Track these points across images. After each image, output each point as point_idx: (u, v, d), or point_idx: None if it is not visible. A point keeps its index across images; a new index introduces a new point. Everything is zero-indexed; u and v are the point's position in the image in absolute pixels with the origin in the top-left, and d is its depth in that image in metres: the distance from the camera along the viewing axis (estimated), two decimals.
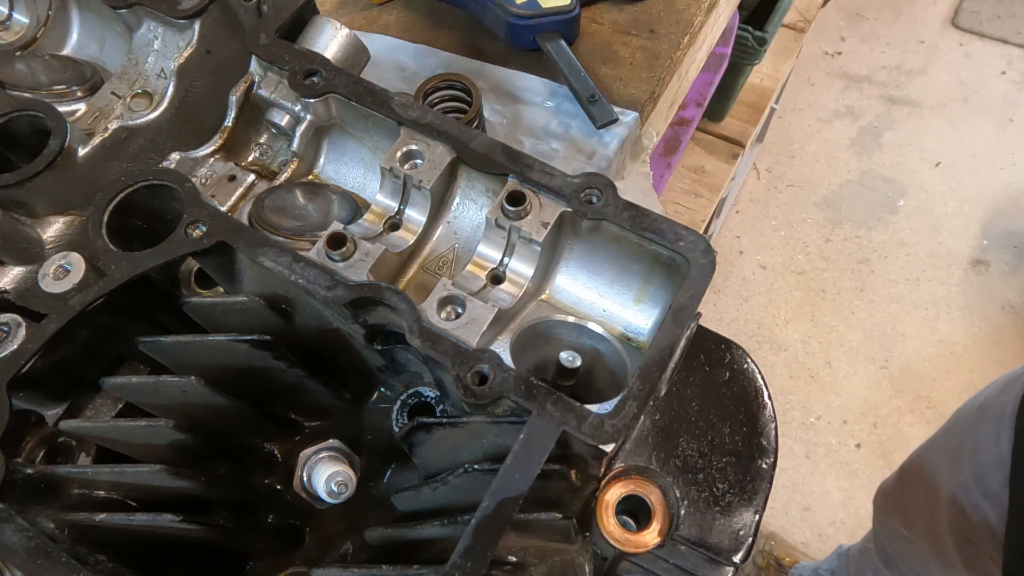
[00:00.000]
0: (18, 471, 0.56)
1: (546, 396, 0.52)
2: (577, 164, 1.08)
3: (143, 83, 0.80)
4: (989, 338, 2.49)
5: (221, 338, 0.59)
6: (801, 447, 2.30)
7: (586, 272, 0.65)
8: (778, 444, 0.59)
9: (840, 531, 2.19)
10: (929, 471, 1.24)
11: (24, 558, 0.52)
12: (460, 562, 0.47)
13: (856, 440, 2.33)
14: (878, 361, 2.45)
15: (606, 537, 0.54)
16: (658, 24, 1.22)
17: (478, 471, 0.52)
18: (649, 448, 0.58)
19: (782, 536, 2.17)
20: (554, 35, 1.15)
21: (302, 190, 0.73)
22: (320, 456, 0.61)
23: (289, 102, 0.74)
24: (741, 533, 0.55)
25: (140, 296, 0.63)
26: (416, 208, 0.67)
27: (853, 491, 2.25)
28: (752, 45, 2.20)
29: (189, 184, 0.64)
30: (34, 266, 0.68)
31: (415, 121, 0.65)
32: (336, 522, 0.70)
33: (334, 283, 0.57)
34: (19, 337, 0.58)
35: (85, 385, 0.66)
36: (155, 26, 0.79)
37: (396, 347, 0.63)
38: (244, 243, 0.60)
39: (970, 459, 1.08)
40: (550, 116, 1.13)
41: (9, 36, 0.88)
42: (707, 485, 0.57)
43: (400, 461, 0.71)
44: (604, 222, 0.60)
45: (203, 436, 0.62)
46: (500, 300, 0.61)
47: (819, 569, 1.89)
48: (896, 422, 2.35)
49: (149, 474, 0.58)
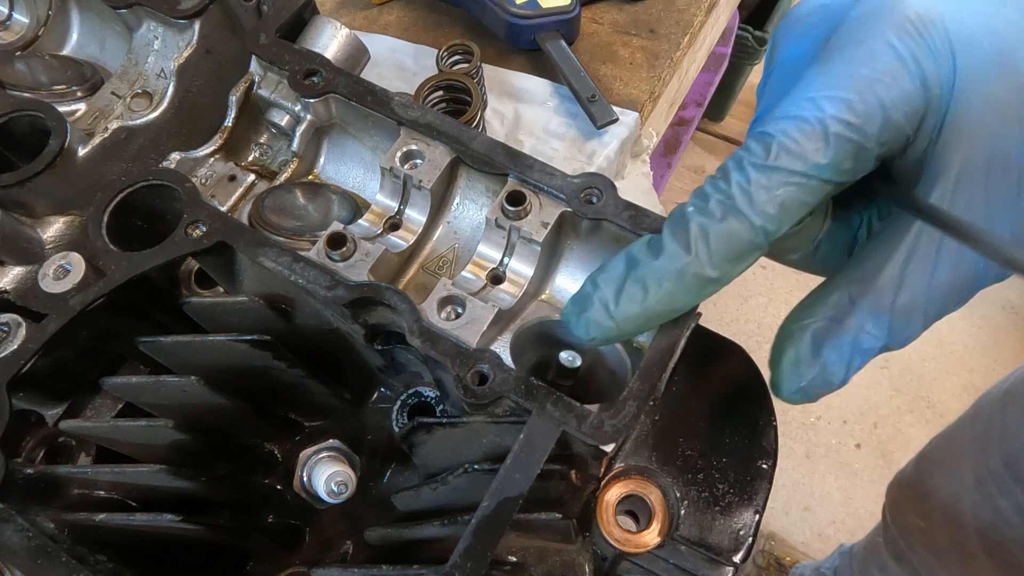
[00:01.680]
0: (18, 471, 0.56)
1: (546, 396, 0.52)
2: (577, 164, 1.08)
3: (143, 83, 0.80)
4: (989, 338, 2.49)
5: (221, 338, 0.59)
6: (801, 447, 2.30)
7: (586, 272, 0.65)
8: (778, 444, 0.59)
9: (840, 531, 2.19)
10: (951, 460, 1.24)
11: (24, 558, 0.52)
12: (460, 562, 0.47)
13: (856, 440, 2.33)
14: (878, 361, 2.45)
15: (606, 537, 0.54)
16: (658, 24, 1.22)
17: (478, 471, 0.52)
18: (649, 448, 0.58)
19: (782, 536, 2.17)
20: (554, 35, 1.15)
21: (302, 190, 0.73)
22: (320, 456, 0.61)
23: (289, 102, 0.74)
24: (741, 533, 0.55)
25: (140, 296, 0.63)
26: (416, 208, 0.67)
27: (853, 491, 2.25)
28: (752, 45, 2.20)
29: (189, 184, 0.64)
30: (34, 266, 0.68)
31: (415, 121, 0.65)
32: (336, 522, 0.70)
33: (334, 283, 0.57)
34: (19, 337, 0.58)
35: (85, 385, 0.66)
36: (155, 26, 0.79)
37: (396, 347, 0.63)
38: (244, 243, 0.60)
39: (999, 444, 1.08)
40: (550, 116, 1.13)
41: (9, 36, 0.88)
42: (707, 485, 0.57)
43: (400, 461, 0.71)
44: (604, 222, 0.60)
45: (203, 436, 0.62)
46: (500, 300, 0.61)
47: (820, 568, 1.89)
48: (896, 422, 2.35)
49: (149, 474, 0.58)
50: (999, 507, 1.08)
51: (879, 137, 0.43)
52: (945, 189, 0.44)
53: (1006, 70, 0.41)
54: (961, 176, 0.43)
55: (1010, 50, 0.42)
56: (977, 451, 1.14)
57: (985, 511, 1.11)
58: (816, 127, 0.43)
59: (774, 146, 0.44)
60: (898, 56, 0.43)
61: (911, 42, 0.43)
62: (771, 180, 0.45)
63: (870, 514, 1.52)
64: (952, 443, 1.27)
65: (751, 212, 0.45)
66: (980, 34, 0.42)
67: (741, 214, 0.45)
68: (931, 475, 1.30)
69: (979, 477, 1.12)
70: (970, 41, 0.42)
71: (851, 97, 0.43)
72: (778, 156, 0.44)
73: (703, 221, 0.47)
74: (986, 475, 1.10)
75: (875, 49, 0.43)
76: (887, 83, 0.42)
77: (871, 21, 0.45)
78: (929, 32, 0.42)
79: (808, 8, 0.51)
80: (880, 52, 0.43)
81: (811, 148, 0.44)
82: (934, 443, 1.34)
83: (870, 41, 0.44)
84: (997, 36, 0.42)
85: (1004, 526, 1.08)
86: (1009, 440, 1.06)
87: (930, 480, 1.30)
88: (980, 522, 1.13)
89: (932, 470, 1.30)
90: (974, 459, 1.15)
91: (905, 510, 1.39)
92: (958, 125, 0.42)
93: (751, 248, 0.47)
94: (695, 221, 0.47)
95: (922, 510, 1.31)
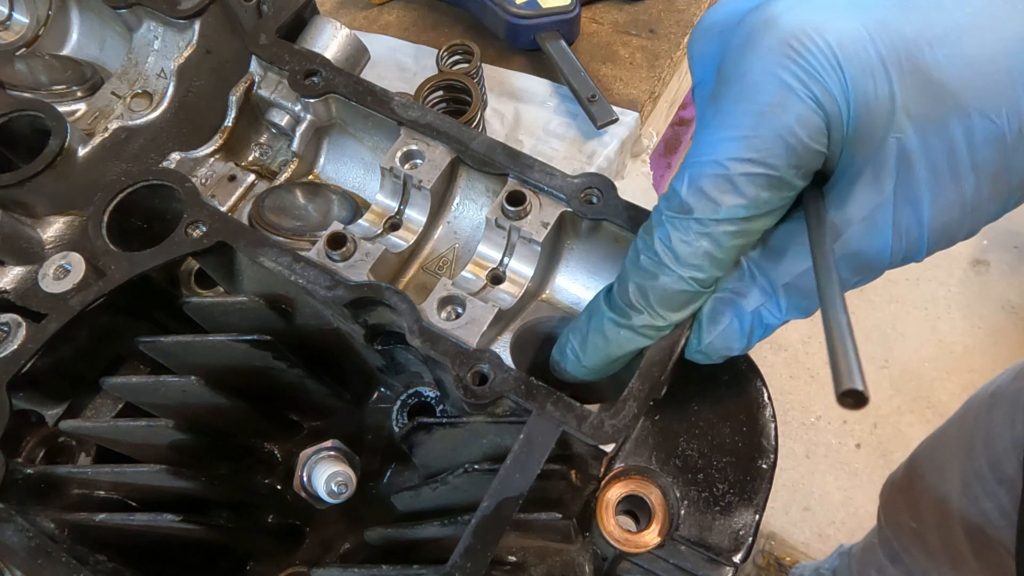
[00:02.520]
0: (18, 471, 0.56)
1: (546, 396, 0.52)
2: (577, 164, 1.08)
3: (143, 83, 0.80)
4: (989, 338, 2.49)
5: (221, 338, 0.59)
6: (801, 447, 2.30)
7: (586, 272, 0.65)
8: (778, 444, 0.59)
9: (840, 531, 2.19)
10: (940, 461, 1.24)
11: (24, 558, 0.52)
12: (460, 562, 0.47)
13: (856, 440, 2.33)
14: (878, 361, 2.45)
15: (606, 537, 0.54)
16: (658, 24, 1.22)
17: (478, 471, 0.52)
18: (649, 448, 0.58)
19: (782, 536, 2.17)
20: (554, 35, 1.15)
21: (302, 190, 0.73)
22: (320, 456, 0.61)
23: (289, 102, 0.74)
24: (741, 533, 0.55)
25: (140, 296, 0.63)
26: (416, 208, 0.67)
27: (853, 491, 2.25)
28: None
29: (189, 184, 0.64)
30: (34, 266, 0.68)
31: (415, 121, 0.65)
32: (336, 522, 0.70)
33: (334, 283, 0.57)
34: (19, 337, 0.58)
35: (85, 385, 0.66)
36: (155, 26, 0.79)
37: (396, 347, 0.63)
38: (244, 243, 0.60)
39: (984, 446, 1.08)
40: (550, 116, 1.13)
41: (9, 36, 0.88)
42: (707, 485, 0.57)
43: (400, 461, 0.71)
44: (604, 222, 0.60)
45: (203, 436, 0.62)
46: (500, 300, 0.61)
47: (820, 568, 1.89)
48: (896, 422, 2.35)
49: (149, 474, 0.58)
50: (984, 509, 1.08)
51: (789, 163, 0.43)
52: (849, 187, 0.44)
53: (903, 69, 0.40)
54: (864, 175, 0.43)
55: (907, 50, 0.40)
56: (963, 453, 1.14)
57: (971, 513, 1.11)
58: (719, 172, 0.43)
59: (685, 199, 0.45)
60: (782, 83, 0.41)
61: (793, 66, 0.41)
62: (687, 233, 0.45)
63: (870, 514, 1.52)
64: (941, 445, 1.27)
65: (676, 267, 0.47)
66: (868, 38, 0.41)
67: (668, 269, 0.47)
68: (922, 476, 1.30)
69: (965, 479, 1.12)
70: (856, 48, 0.41)
71: (746, 135, 0.42)
72: (690, 209, 0.45)
73: (639, 281, 0.49)
74: (972, 477, 1.10)
75: (758, 81, 0.42)
76: (778, 113, 0.42)
77: (750, 49, 0.43)
78: (809, 50, 0.41)
79: (702, 29, 0.50)
80: (764, 83, 0.42)
81: (719, 195, 0.44)
82: (925, 444, 1.34)
83: (752, 73, 0.43)
84: (890, 38, 0.41)
85: (989, 528, 1.08)
86: (994, 442, 1.06)
87: (920, 482, 1.29)
88: (967, 524, 1.13)
89: (923, 471, 1.30)
90: (960, 461, 1.15)
91: (898, 511, 1.39)
92: (860, 129, 0.42)
93: (689, 298, 0.49)
94: (632, 281, 0.49)
95: (914, 511, 1.31)
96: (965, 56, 0.40)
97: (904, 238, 0.43)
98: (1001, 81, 0.39)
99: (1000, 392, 1.10)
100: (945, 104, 0.40)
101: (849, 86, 0.41)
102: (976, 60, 0.40)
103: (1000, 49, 0.40)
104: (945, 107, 0.40)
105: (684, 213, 0.45)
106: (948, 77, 0.40)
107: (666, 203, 0.47)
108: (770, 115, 0.42)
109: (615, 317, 0.51)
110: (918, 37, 0.40)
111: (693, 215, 0.45)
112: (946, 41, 0.40)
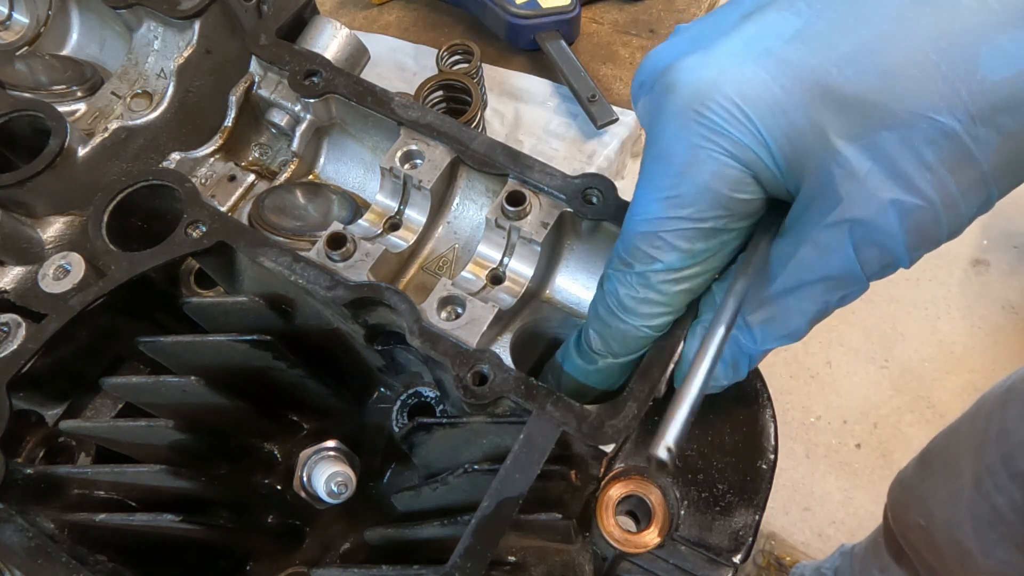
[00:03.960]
0: (18, 471, 0.56)
1: (546, 396, 0.52)
2: (577, 164, 1.08)
3: (143, 83, 0.80)
4: (989, 338, 2.49)
5: (221, 338, 0.59)
6: (801, 447, 2.29)
7: (586, 272, 0.65)
8: (778, 444, 0.59)
9: (840, 531, 2.19)
10: (952, 457, 1.24)
11: (24, 558, 0.52)
12: (460, 562, 0.47)
13: (856, 440, 2.33)
14: (878, 361, 2.45)
15: (606, 537, 0.54)
16: (658, 24, 1.22)
17: (478, 471, 0.52)
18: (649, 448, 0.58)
19: (782, 536, 2.17)
20: (554, 35, 1.15)
21: (302, 190, 0.73)
22: (320, 456, 0.61)
23: (289, 102, 0.74)
24: (741, 533, 0.55)
25: (140, 296, 0.63)
26: (416, 208, 0.67)
27: (853, 491, 2.25)
28: None
29: (189, 184, 0.64)
30: (34, 266, 0.68)
31: (415, 121, 0.65)
32: (336, 522, 0.70)
33: (334, 283, 0.57)
34: (19, 337, 0.58)
35: (85, 385, 0.66)
36: (155, 26, 0.79)
37: (396, 347, 0.63)
38: (244, 243, 0.60)
39: (998, 441, 1.08)
40: (550, 116, 1.13)
41: (9, 36, 0.88)
42: (707, 485, 0.57)
43: (400, 461, 0.71)
44: (604, 222, 0.60)
45: (203, 436, 0.62)
46: (500, 300, 0.61)
47: (821, 568, 1.89)
48: (896, 422, 2.35)
49: (149, 474, 0.58)
50: (996, 504, 1.08)
51: (717, 215, 0.45)
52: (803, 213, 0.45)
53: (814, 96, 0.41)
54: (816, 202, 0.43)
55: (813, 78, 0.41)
56: (975, 448, 1.14)
57: (983, 508, 1.11)
58: (649, 230, 0.46)
59: (623, 256, 0.48)
60: (691, 145, 0.43)
61: (698, 127, 0.43)
62: (631, 287, 0.49)
63: (870, 514, 1.52)
64: (953, 441, 1.27)
65: (627, 316, 0.50)
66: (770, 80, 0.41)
67: (620, 318, 0.51)
68: (932, 474, 1.30)
69: (977, 474, 1.12)
70: (759, 92, 0.41)
71: (668, 195, 0.45)
72: (630, 264, 0.48)
73: (599, 329, 0.53)
74: (983, 472, 1.10)
75: (670, 144, 0.44)
76: (693, 173, 0.44)
77: (659, 116, 0.45)
78: (711, 108, 0.42)
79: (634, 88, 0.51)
80: (675, 147, 0.44)
81: (653, 251, 0.47)
82: (935, 442, 1.34)
83: (664, 137, 0.45)
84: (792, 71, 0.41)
85: (1000, 524, 1.08)
86: (1007, 436, 1.06)
87: (930, 479, 1.29)
88: (978, 519, 1.13)
89: (933, 469, 1.30)
90: (972, 457, 1.15)
91: (906, 509, 1.39)
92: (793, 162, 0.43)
93: (646, 342, 0.52)
94: (593, 328, 0.53)
95: (922, 509, 1.31)
96: (881, 66, 0.40)
97: (874, 250, 0.43)
98: (930, 77, 0.39)
99: (1015, 388, 1.09)
100: (872, 117, 0.40)
101: (762, 129, 0.42)
102: (895, 66, 0.40)
103: (918, 48, 0.39)
104: (873, 120, 0.40)
105: (626, 267, 0.49)
106: (865, 91, 0.40)
107: (613, 257, 0.50)
108: (688, 174, 0.44)
109: (582, 364, 0.56)
110: (824, 62, 0.41)
111: (634, 269, 0.48)
112: (853, 59, 0.40)
